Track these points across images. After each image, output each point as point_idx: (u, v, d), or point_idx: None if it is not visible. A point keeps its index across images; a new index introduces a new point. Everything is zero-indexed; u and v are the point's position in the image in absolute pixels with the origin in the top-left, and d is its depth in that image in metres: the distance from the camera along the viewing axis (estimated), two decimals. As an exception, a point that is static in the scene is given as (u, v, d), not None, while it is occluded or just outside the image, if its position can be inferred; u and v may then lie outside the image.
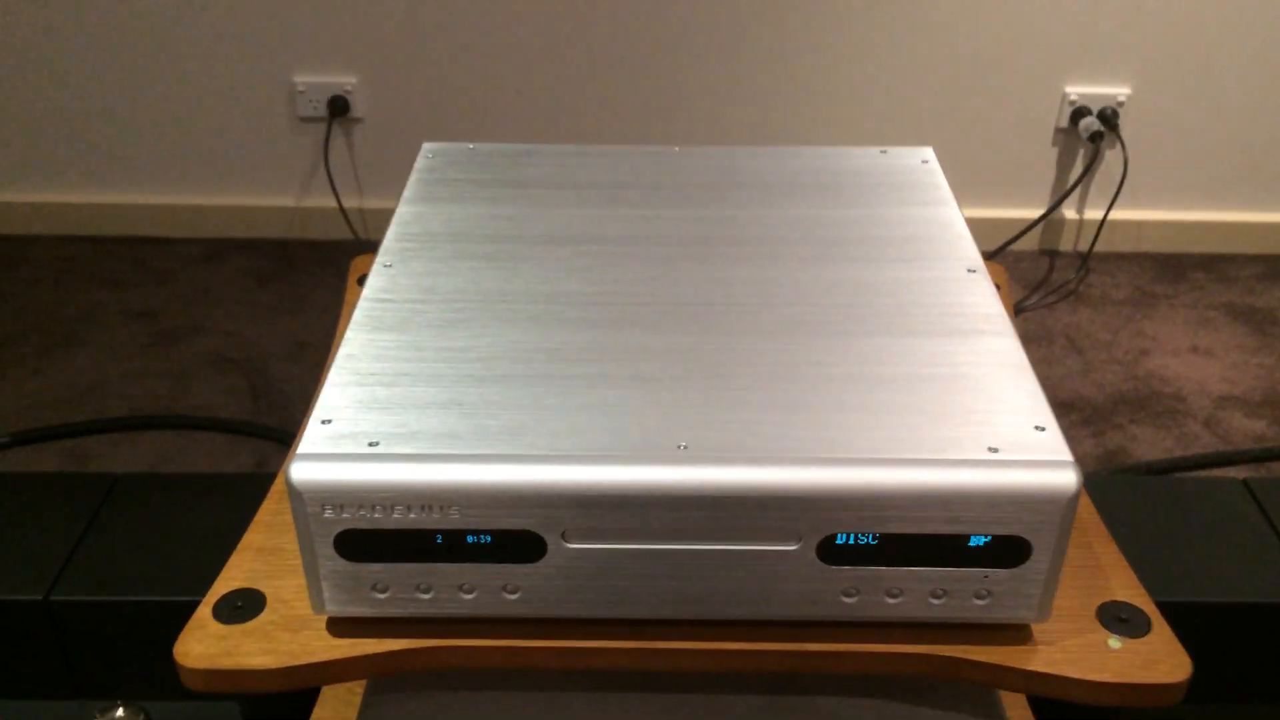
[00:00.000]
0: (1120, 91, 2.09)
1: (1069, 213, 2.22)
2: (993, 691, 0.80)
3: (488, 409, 0.67)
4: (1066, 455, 0.64)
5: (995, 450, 0.64)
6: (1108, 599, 0.72)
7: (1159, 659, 0.68)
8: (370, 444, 0.64)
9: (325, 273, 2.15)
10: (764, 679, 0.79)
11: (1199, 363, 1.92)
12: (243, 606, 0.71)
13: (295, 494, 0.63)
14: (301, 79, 2.09)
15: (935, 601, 0.67)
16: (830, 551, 0.65)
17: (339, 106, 2.10)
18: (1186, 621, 1.06)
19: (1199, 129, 2.13)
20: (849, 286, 0.79)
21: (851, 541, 0.64)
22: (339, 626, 0.70)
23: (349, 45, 2.06)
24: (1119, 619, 0.70)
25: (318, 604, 0.67)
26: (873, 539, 0.64)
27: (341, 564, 0.65)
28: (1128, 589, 0.73)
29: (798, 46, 2.06)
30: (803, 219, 0.87)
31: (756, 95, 2.11)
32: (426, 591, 0.67)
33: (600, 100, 2.11)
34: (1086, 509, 0.79)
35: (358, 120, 2.14)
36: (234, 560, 0.75)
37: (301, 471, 0.63)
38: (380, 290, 0.78)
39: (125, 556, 1.08)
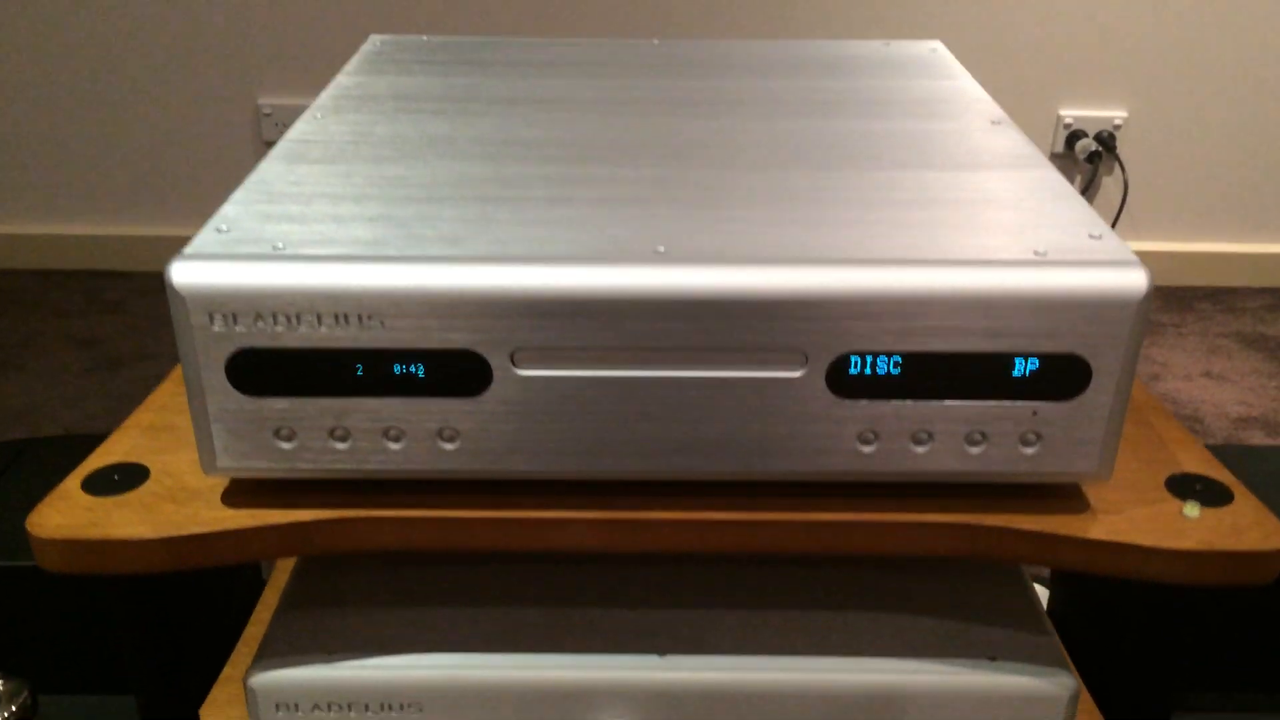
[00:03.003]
0: (1117, 114, 2.01)
1: (1067, 244, 2.13)
2: (1024, 584, 0.67)
3: (424, 221, 0.55)
4: (1130, 256, 0.52)
5: (1043, 254, 0.52)
6: (1176, 471, 0.59)
7: (1247, 526, 0.55)
8: (275, 247, 0.52)
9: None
10: (758, 568, 0.66)
11: (1213, 387, 1.80)
12: (120, 480, 0.58)
13: (177, 300, 0.50)
14: (267, 101, 2.00)
15: (972, 450, 0.54)
16: (843, 380, 0.52)
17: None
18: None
19: (1199, 156, 2.06)
20: (856, 135, 0.67)
21: (869, 367, 0.52)
22: (237, 496, 0.56)
23: (311, 64, 1.98)
24: (1193, 490, 0.58)
25: (208, 461, 0.54)
26: (895, 364, 0.52)
27: (236, 399, 0.52)
28: (1200, 461, 0.60)
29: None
30: (800, 88, 0.76)
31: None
32: (343, 440, 0.54)
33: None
34: (1139, 389, 0.67)
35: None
36: (115, 436, 0.61)
37: (186, 272, 0.50)
38: (306, 134, 0.66)
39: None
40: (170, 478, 0.58)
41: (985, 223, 0.56)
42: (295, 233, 0.54)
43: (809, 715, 0.60)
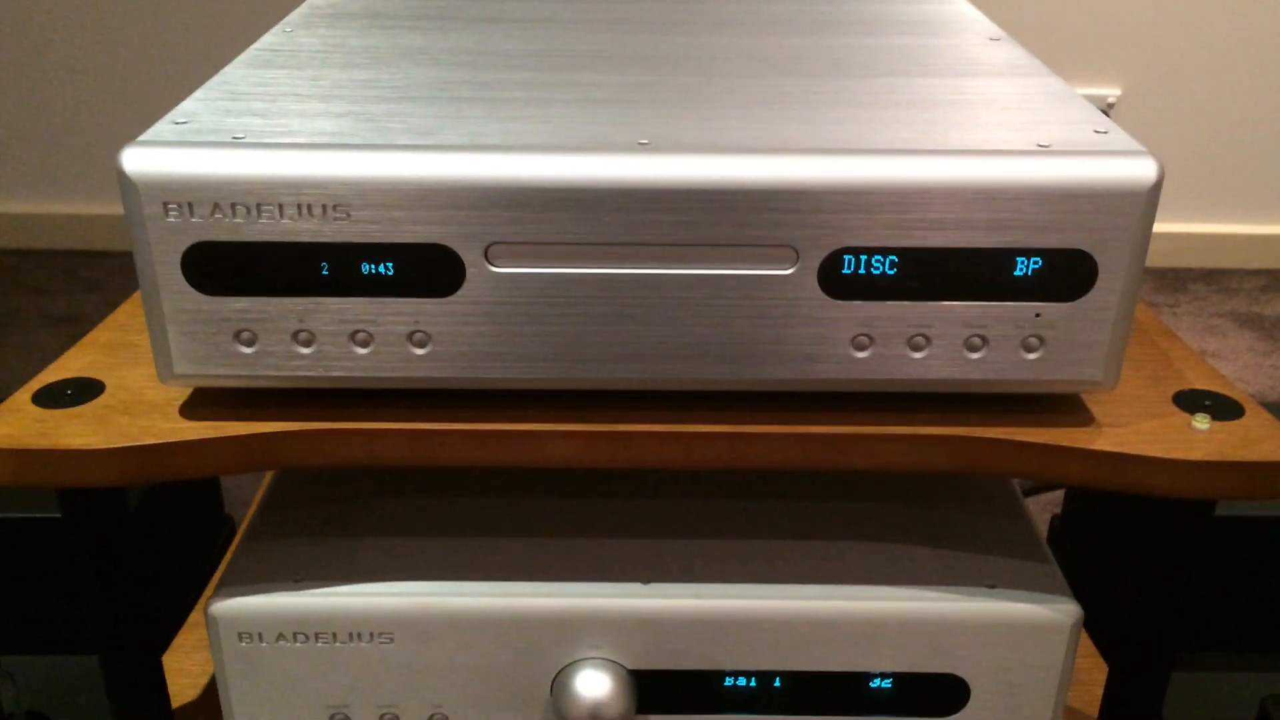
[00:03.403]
0: (1110, 93, 1.99)
1: (1060, 225, 2.10)
2: (1023, 514, 0.64)
3: (395, 117, 0.52)
4: (1138, 146, 0.49)
5: (1046, 146, 0.50)
6: (1184, 387, 0.57)
7: (1258, 438, 0.52)
8: (235, 137, 0.49)
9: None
10: (748, 501, 0.63)
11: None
12: (73, 395, 0.55)
13: (129, 189, 0.47)
14: (249, 76, 1.97)
15: (972, 356, 0.51)
16: (836, 278, 0.49)
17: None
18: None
19: (1194, 136, 2.04)
20: (851, 49, 0.65)
21: (863, 266, 0.49)
22: (196, 409, 0.53)
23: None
24: (1202, 405, 0.55)
25: (164, 367, 0.51)
26: (891, 262, 0.49)
27: (194, 299, 0.49)
28: (1208, 378, 0.57)
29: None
30: (792, 10, 0.73)
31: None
32: (307, 344, 0.51)
33: None
34: (1144, 312, 0.64)
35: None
36: (70, 353, 0.58)
37: (139, 159, 0.47)
38: (274, 44, 0.63)
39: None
40: (126, 392, 0.55)
41: (987, 121, 0.53)
42: (258, 125, 0.51)
43: (800, 645, 0.57)
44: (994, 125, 0.52)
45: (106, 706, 0.64)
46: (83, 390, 0.55)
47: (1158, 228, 2.09)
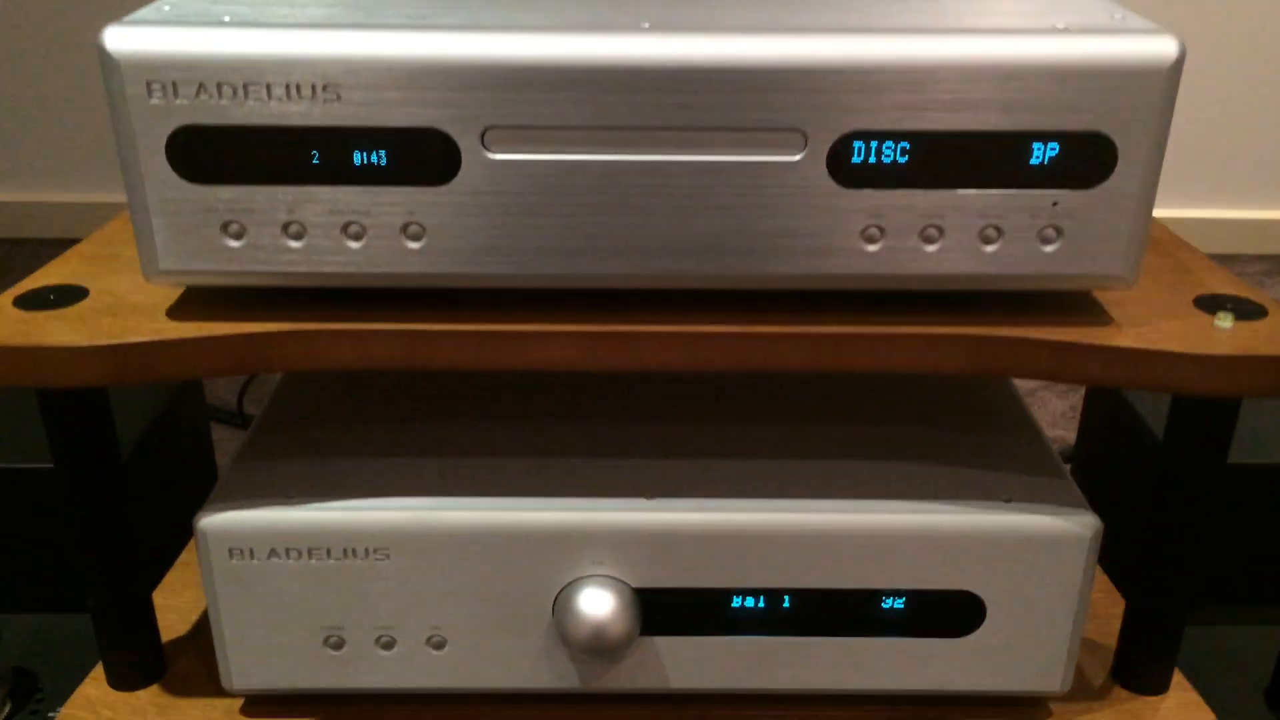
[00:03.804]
0: (1112, 74, 1.98)
1: (1062, 209, 2.09)
2: (1037, 432, 0.62)
3: (389, 6, 0.50)
4: (1156, 26, 0.48)
5: (1064, 29, 0.48)
6: (1204, 292, 0.55)
7: (1286, 335, 0.51)
8: (223, 20, 0.47)
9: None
10: (757, 421, 0.61)
11: (1214, 343, 1.76)
12: (56, 299, 0.53)
13: (111, 68, 0.46)
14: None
15: (987, 249, 0.49)
16: (845, 165, 0.48)
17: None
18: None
19: (1198, 121, 2.02)
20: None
21: (873, 153, 0.47)
22: (183, 310, 0.52)
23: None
24: (1224, 306, 0.53)
25: (149, 263, 0.49)
26: (902, 149, 0.47)
27: (179, 187, 0.48)
28: (1229, 283, 0.56)
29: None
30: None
31: None
32: (298, 237, 0.49)
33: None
34: (1160, 229, 0.62)
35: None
36: (53, 264, 0.57)
37: (122, 38, 0.46)
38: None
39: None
40: (111, 297, 0.53)
41: (1002, 9, 0.51)
42: (245, 11, 0.49)
43: (810, 562, 0.55)
44: (1010, 11, 0.50)
45: (95, 665, 0.62)
46: (66, 295, 0.53)
47: (1161, 214, 2.08)
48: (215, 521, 0.54)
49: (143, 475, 0.77)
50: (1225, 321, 0.51)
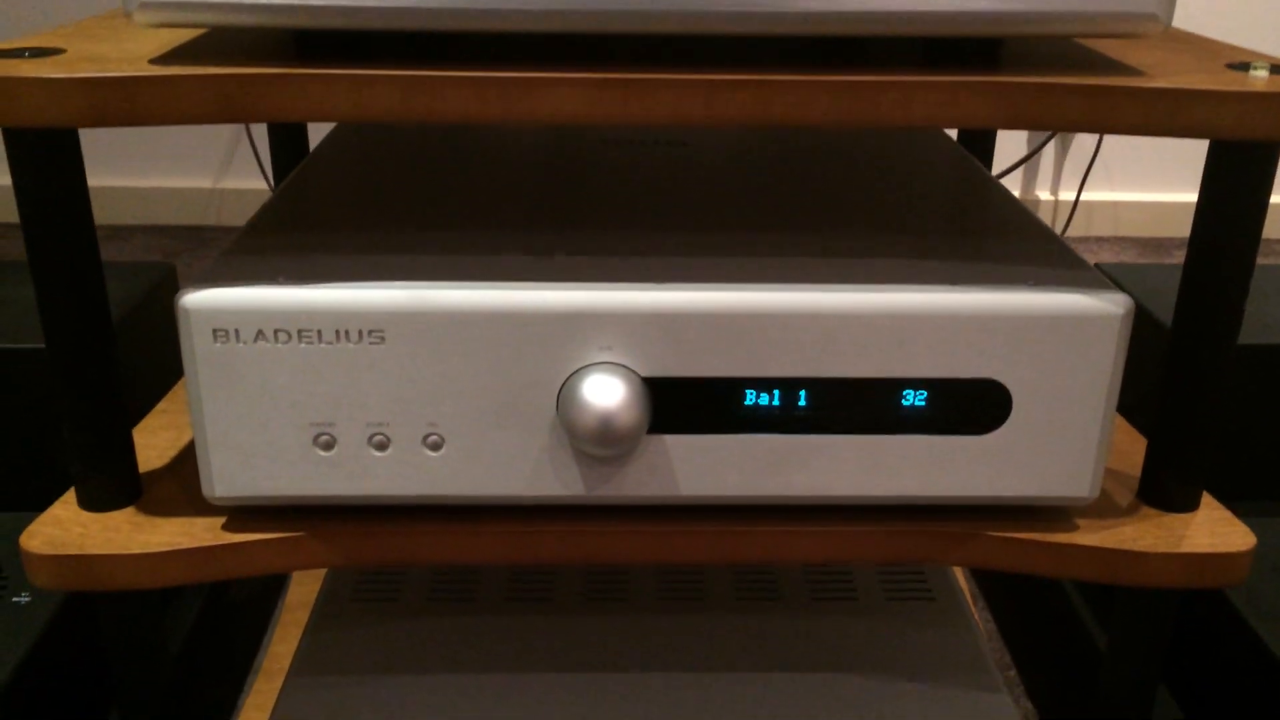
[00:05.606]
0: (1090, 57, 1.99)
1: (1042, 194, 2.09)
2: (1048, 230, 0.60)
3: None
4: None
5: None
6: (1234, 60, 0.53)
7: (1326, 82, 0.49)
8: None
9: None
10: (770, 226, 0.58)
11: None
12: (32, 54, 0.50)
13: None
14: (221, 40, 1.94)
15: (1016, -16, 0.47)
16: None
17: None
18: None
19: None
20: None
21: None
22: (167, 59, 0.49)
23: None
24: (1256, 67, 0.51)
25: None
26: None
27: None
28: (1258, 57, 0.54)
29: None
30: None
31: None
32: None
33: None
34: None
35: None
36: (23, 38, 0.53)
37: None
38: None
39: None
40: (91, 55, 0.50)
41: None
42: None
43: (827, 347, 0.52)
44: None
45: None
46: (42, 52, 0.50)
47: (1140, 197, 2.08)
48: (199, 299, 0.51)
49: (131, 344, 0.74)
50: (1261, 71, 0.49)
